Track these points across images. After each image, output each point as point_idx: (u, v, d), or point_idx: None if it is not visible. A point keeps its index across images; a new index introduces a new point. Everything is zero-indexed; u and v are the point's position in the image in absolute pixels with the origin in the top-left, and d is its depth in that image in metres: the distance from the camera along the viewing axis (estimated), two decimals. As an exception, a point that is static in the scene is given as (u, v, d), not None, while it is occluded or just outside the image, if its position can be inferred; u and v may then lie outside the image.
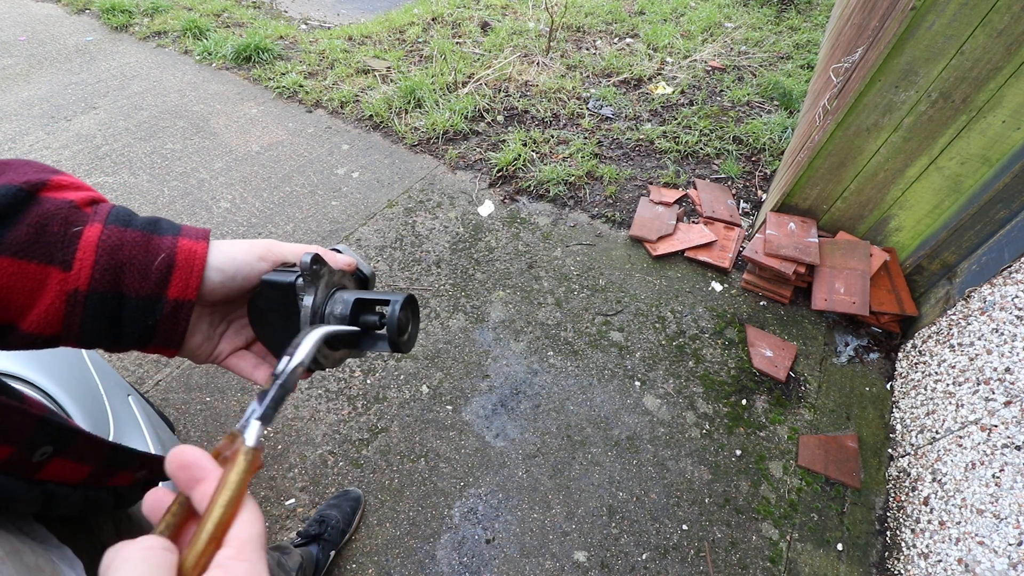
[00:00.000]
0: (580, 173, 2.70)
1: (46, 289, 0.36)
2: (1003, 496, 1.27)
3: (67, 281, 0.37)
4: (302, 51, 3.63)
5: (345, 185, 2.66)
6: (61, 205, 0.38)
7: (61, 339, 0.39)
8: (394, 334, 0.44)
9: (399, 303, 0.45)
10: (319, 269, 0.44)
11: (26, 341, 0.38)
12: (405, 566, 1.47)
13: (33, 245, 0.36)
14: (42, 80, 3.26)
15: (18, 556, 0.35)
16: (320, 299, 0.45)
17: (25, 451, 0.37)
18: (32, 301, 0.36)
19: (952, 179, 1.84)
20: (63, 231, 0.37)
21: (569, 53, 3.71)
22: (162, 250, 0.40)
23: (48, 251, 0.36)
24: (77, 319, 0.38)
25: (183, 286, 0.41)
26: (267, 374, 0.49)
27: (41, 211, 0.37)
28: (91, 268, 0.37)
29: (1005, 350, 1.47)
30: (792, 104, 3.19)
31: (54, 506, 0.40)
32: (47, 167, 0.41)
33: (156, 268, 0.40)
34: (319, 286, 0.45)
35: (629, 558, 1.51)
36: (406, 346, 0.48)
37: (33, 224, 0.36)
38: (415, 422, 1.77)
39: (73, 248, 0.37)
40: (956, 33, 1.56)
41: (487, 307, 2.13)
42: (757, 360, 1.96)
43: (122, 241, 0.39)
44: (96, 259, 0.37)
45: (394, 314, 0.44)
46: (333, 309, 0.46)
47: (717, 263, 2.28)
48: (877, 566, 1.52)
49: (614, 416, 1.81)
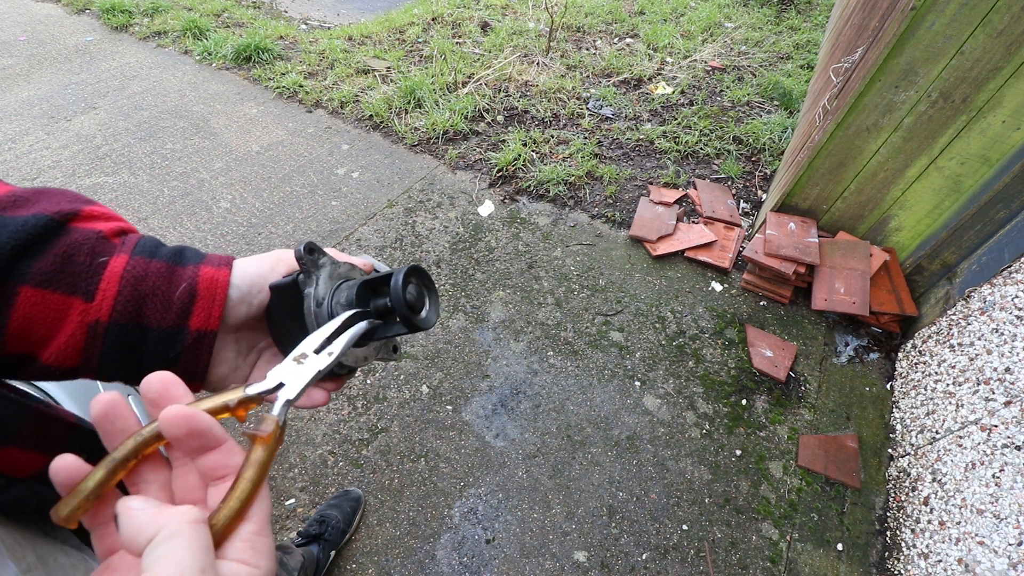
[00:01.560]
0: (580, 173, 2.70)
1: (67, 320, 0.36)
2: (1003, 496, 1.27)
3: (88, 312, 0.36)
4: (302, 51, 3.63)
5: (345, 185, 2.66)
6: (89, 235, 0.38)
7: (80, 371, 0.38)
8: (403, 308, 0.41)
9: (401, 274, 0.41)
10: (316, 258, 0.43)
11: (45, 373, 0.37)
12: (405, 566, 1.47)
13: (59, 275, 0.36)
14: (42, 80, 3.26)
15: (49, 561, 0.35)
16: (324, 290, 0.43)
17: None
18: (53, 332, 0.36)
19: (952, 179, 1.84)
20: (89, 261, 0.37)
21: (569, 53, 3.71)
22: (184, 279, 0.40)
23: (72, 281, 0.36)
24: (97, 351, 0.37)
25: (205, 316, 0.40)
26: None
27: (69, 241, 0.37)
28: (113, 299, 0.37)
29: (1005, 350, 1.47)
30: (792, 104, 3.19)
31: None
32: (81, 197, 0.41)
33: (178, 298, 0.39)
34: (320, 276, 0.43)
35: (629, 558, 1.51)
36: (424, 322, 0.44)
37: (60, 254, 0.36)
38: (415, 422, 1.76)
39: (97, 279, 0.37)
40: (956, 33, 1.56)
41: (487, 307, 2.13)
42: (757, 360, 1.96)
43: (146, 272, 0.39)
44: (119, 290, 0.37)
45: (397, 285, 0.41)
46: (339, 298, 0.44)
47: (717, 263, 2.28)
48: (877, 566, 1.52)
49: (614, 416, 1.81)
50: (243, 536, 0.29)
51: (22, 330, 0.35)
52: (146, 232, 2.52)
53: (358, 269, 0.48)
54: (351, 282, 0.45)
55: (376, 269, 0.50)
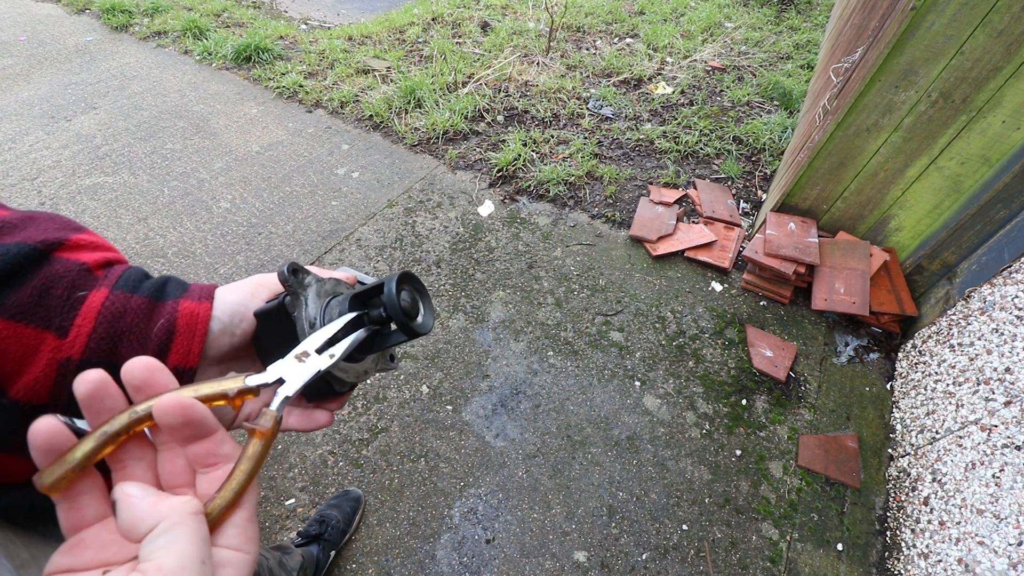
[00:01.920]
0: (580, 173, 2.70)
1: (38, 356, 0.35)
2: (1003, 496, 1.27)
3: (60, 349, 0.35)
4: (302, 51, 3.63)
5: (345, 185, 2.66)
6: (71, 267, 0.37)
7: (49, 408, 0.36)
8: (399, 316, 0.40)
9: (393, 281, 0.41)
10: (301, 278, 0.42)
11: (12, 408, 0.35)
12: (405, 566, 1.47)
13: (34, 308, 0.34)
14: (42, 80, 3.26)
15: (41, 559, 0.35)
16: (314, 309, 0.42)
17: None
18: (23, 368, 0.34)
19: (952, 179, 1.84)
20: (67, 295, 0.36)
21: (569, 53, 3.71)
22: (163, 316, 0.39)
23: (47, 315, 0.35)
24: (67, 390, 0.35)
25: (184, 353, 0.39)
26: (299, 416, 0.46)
27: (50, 272, 0.36)
28: (88, 336, 0.36)
29: (1005, 350, 1.47)
30: (792, 104, 3.19)
31: None
32: (71, 224, 0.40)
33: (155, 335, 0.38)
34: (308, 296, 0.42)
35: (629, 558, 1.51)
36: (422, 327, 0.43)
37: (38, 286, 0.35)
38: (415, 422, 1.77)
39: (73, 314, 0.36)
40: (956, 33, 1.56)
41: (487, 307, 2.13)
42: (757, 360, 1.96)
43: (126, 308, 0.37)
44: (95, 327, 0.36)
45: (391, 294, 0.40)
46: (331, 315, 0.43)
47: (717, 263, 2.28)
48: (877, 566, 1.52)
49: (614, 416, 1.81)
50: (236, 523, 0.29)
51: None
52: (146, 233, 2.50)
53: (344, 283, 0.47)
54: (340, 297, 0.44)
55: (360, 281, 0.50)
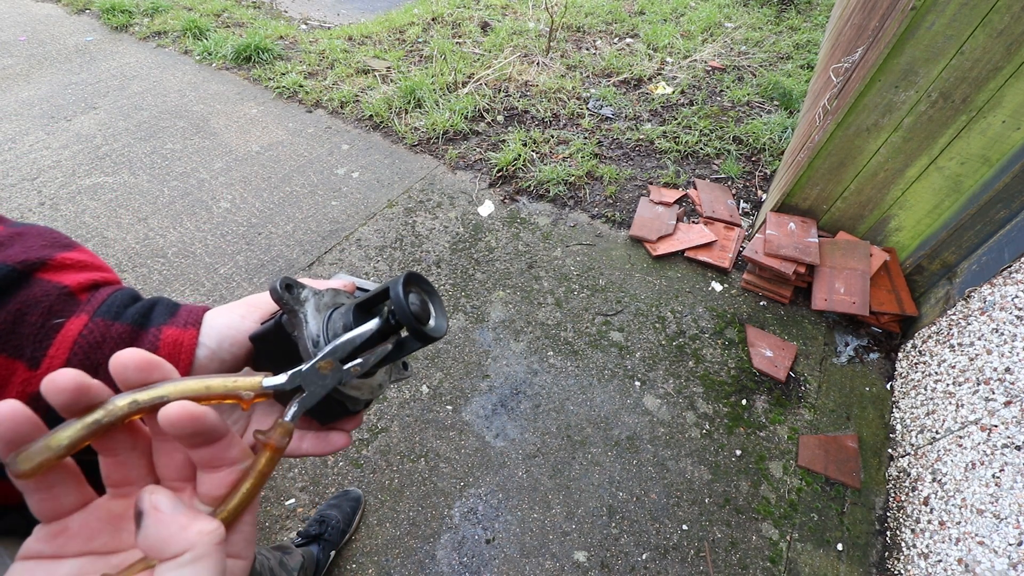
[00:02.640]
0: (580, 173, 2.70)
1: (8, 387, 0.33)
2: (1003, 496, 1.27)
3: (31, 382, 0.33)
4: (302, 51, 3.63)
5: (345, 185, 2.66)
6: (51, 291, 0.35)
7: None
8: (411, 321, 0.37)
9: (399, 284, 0.37)
10: (297, 293, 0.38)
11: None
12: (405, 566, 1.47)
13: (7, 335, 0.32)
14: (42, 80, 3.26)
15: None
16: (316, 327, 0.38)
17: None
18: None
19: (952, 179, 1.84)
20: (42, 322, 0.34)
21: (569, 53, 3.71)
22: (144, 344, 0.36)
23: (19, 344, 0.33)
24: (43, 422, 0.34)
25: None
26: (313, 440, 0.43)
27: (27, 297, 0.34)
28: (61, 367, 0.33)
29: (1005, 350, 1.47)
30: (792, 104, 3.19)
31: None
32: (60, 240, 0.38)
33: None
34: (307, 312, 0.38)
35: (629, 558, 1.51)
36: (436, 331, 0.39)
37: (13, 311, 0.33)
38: (415, 422, 1.76)
39: (47, 343, 0.33)
40: (956, 33, 1.56)
41: (487, 307, 2.13)
42: (757, 360, 1.96)
43: (105, 337, 0.35)
44: (69, 357, 0.34)
45: (399, 297, 0.36)
46: (335, 329, 0.39)
47: (717, 263, 2.28)
48: (877, 566, 1.52)
49: (614, 416, 1.81)
50: (239, 531, 0.28)
51: None
52: (146, 233, 2.50)
53: (343, 293, 0.43)
54: (342, 308, 0.41)
55: (359, 287, 0.46)
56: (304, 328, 0.37)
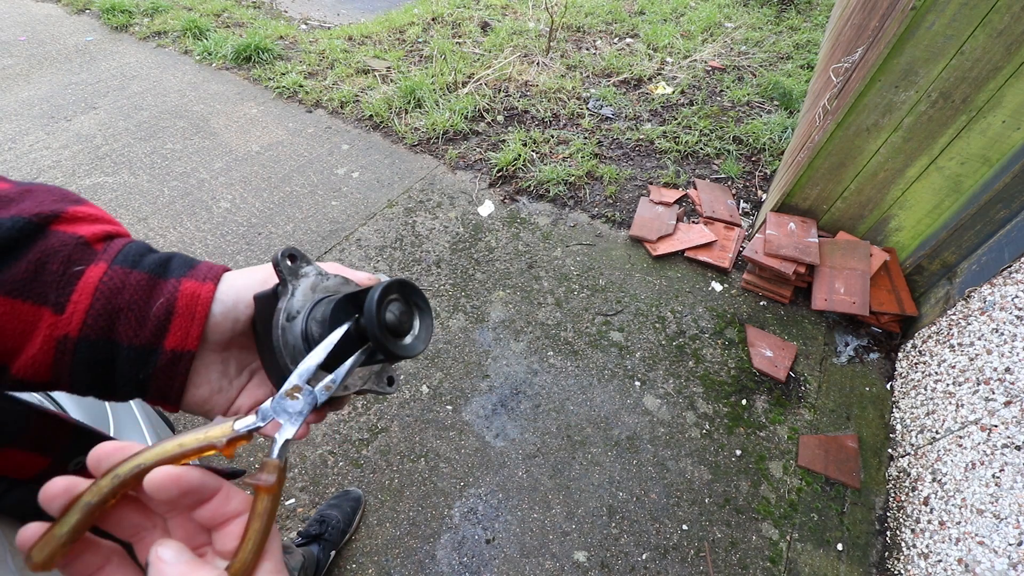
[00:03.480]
0: (580, 173, 2.70)
1: (36, 333, 0.34)
2: (1003, 496, 1.27)
3: (57, 325, 0.34)
4: (302, 51, 3.63)
5: (345, 185, 2.66)
6: (68, 241, 0.35)
7: (51, 386, 0.36)
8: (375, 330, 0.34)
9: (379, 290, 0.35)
10: (298, 266, 0.38)
11: (17, 385, 0.35)
12: (405, 566, 1.47)
13: (30, 284, 0.33)
14: (42, 80, 3.26)
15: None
16: (299, 303, 0.38)
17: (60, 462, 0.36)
18: (21, 344, 0.34)
19: (952, 179, 1.84)
20: (63, 270, 0.34)
21: (569, 53, 3.71)
22: (163, 294, 0.37)
23: (43, 291, 0.34)
24: (66, 367, 0.35)
25: (182, 335, 0.37)
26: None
27: (46, 247, 0.35)
28: (84, 312, 0.34)
29: (1005, 350, 1.47)
30: (792, 104, 3.19)
31: None
32: (68, 195, 0.38)
33: (154, 314, 0.36)
34: (299, 286, 0.38)
35: (629, 558, 1.51)
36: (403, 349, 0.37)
37: (34, 260, 0.34)
38: (415, 422, 1.76)
39: (70, 290, 0.34)
40: (956, 33, 1.56)
41: (487, 307, 2.13)
42: (757, 360, 1.96)
43: (124, 284, 0.36)
44: (92, 303, 0.35)
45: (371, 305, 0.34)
46: (315, 314, 0.38)
47: (717, 263, 2.28)
48: (877, 566, 1.52)
49: (614, 416, 1.81)
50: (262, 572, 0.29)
51: None
52: (146, 233, 2.50)
53: (352, 284, 0.42)
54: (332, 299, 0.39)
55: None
56: (287, 299, 0.37)
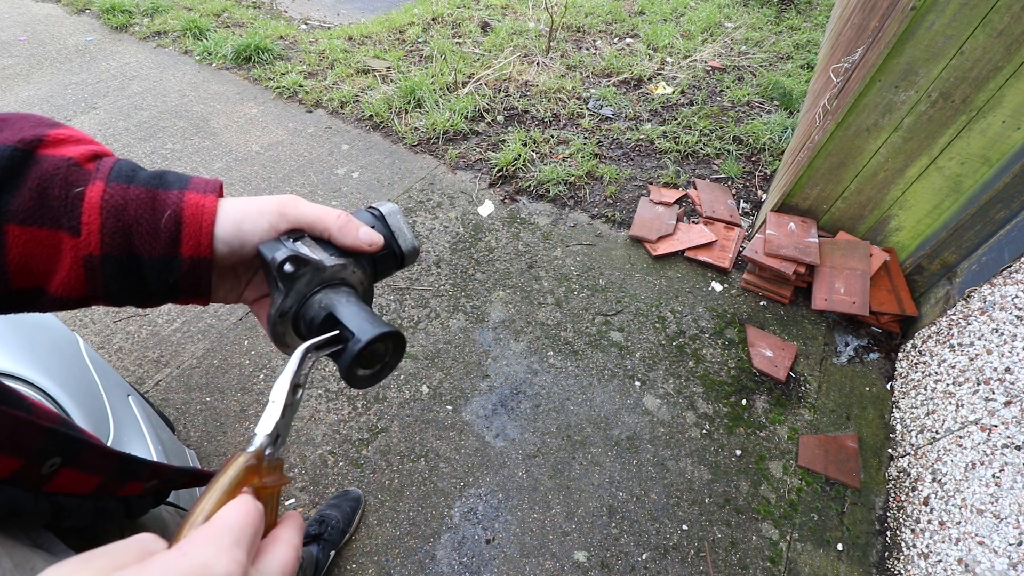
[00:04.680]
0: (580, 173, 2.70)
1: (63, 255, 0.35)
2: (1003, 496, 1.27)
3: (79, 247, 0.35)
4: (302, 51, 3.63)
5: (345, 185, 2.66)
6: (60, 164, 0.36)
7: (90, 300, 0.38)
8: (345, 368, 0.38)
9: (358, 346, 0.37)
10: (294, 271, 0.39)
11: (58, 304, 0.37)
12: (405, 566, 1.47)
13: (39, 210, 0.34)
14: (42, 80, 3.26)
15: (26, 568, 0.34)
16: (293, 300, 0.40)
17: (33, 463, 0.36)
18: (53, 266, 0.35)
19: (952, 179, 1.84)
20: (64, 194, 0.35)
21: (569, 53, 3.71)
22: (168, 206, 0.38)
23: (54, 216, 0.35)
24: (100, 282, 0.37)
25: (195, 244, 0.38)
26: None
27: (40, 172, 0.35)
28: (99, 233, 0.36)
29: (1005, 350, 1.47)
30: (792, 104, 3.19)
31: (64, 517, 0.39)
32: (44, 120, 0.39)
33: (164, 226, 0.37)
34: (294, 287, 0.40)
35: (629, 558, 1.51)
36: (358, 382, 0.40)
37: (35, 188, 0.34)
38: (415, 422, 1.76)
39: (78, 212, 0.35)
40: (956, 33, 1.56)
41: (487, 307, 2.12)
42: (757, 360, 1.96)
43: (126, 200, 0.37)
44: (103, 222, 0.36)
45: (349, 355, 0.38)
46: (307, 312, 0.40)
47: (717, 263, 2.28)
48: (877, 566, 1.52)
49: (614, 416, 1.81)
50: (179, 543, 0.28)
51: (22, 267, 0.35)
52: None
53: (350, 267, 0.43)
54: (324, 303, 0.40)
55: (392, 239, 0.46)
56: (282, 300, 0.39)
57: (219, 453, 1.64)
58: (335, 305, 0.40)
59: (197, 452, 1.62)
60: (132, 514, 0.48)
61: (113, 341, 1.92)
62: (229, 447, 1.66)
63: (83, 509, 0.41)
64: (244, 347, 1.94)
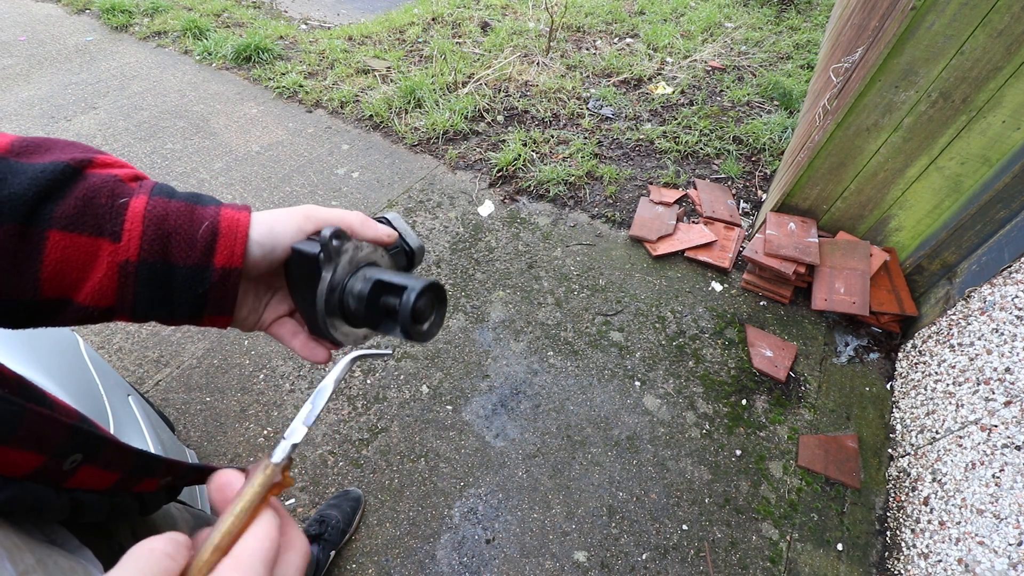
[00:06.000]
0: (580, 173, 2.70)
1: (98, 261, 0.37)
2: (1003, 496, 1.27)
3: (117, 252, 0.37)
4: (302, 51, 3.63)
5: (345, 185, 2.66)
6: (107, 179, 0.38)
7: (115, 312, 0.39)
8: (407, 322, 0.42)
9: (415, 292, 0.42)
10: (340, 245, 0.43)
11: (81, 315, 0.38)
12: (405, 566, 1.47)
13: (82, 218, 0.36)
14: (42, 80, 3.26)
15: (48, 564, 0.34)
16: (340, 275, 0.44)
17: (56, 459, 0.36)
18: (85, 274, 0.37)
19: (952, 179, 1.84)
20: (110, 203, 0.37)
21: (569, 53, 3.71)
22: (206, 219, 0.41)
23: (97, 223, 0.37)
24: (130, 290, 0.38)
25: (228, 254, 0.41)
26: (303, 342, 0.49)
27: (88, 185, 0.37)
28: (139, 238, 0.38)
29: (1005, 350, 1.47)
30: (792, 104, 3.19)
31: (82, 513, 0.40)
32: (91, 148, 0.41)
33: (201, 236, 0.40)
34: (340, 262, 0.44)
35: (629, 558, 1.51)
36: (421, 336, 0.45)
37: (80, 197, 0.37)
38: (415, 422, 1.77)
39: (121, 219, 0.37)
40: (956, 33, 1.56)
41: (487, 307, 2.13)
42: (757, 360, 1.96)
43: (167, 211, 0.39)
44: (144, 229, 0.38)
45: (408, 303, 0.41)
46: (352, 288, 0.44)
47: (717, 263, 2.28)
48: (877, 566, 1.52)
49: (614, 416, 1.81)
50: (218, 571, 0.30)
51: (56, 274, 0.36)
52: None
53: (380, 251, 0.48)
54: (369, 271, 0.45)
55: (404, 241, 0.51)
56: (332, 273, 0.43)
57: (219, 453, 1.64)
58: (380, 273, 0.45)
59: (197, 452, 1.62)
60: (146, 510, 0.49)
61: (113, 341, 1.92)
62: (229, 447, 1.66)
63: (100, 505, 0.42)
64: (244, 347, 1.94)
